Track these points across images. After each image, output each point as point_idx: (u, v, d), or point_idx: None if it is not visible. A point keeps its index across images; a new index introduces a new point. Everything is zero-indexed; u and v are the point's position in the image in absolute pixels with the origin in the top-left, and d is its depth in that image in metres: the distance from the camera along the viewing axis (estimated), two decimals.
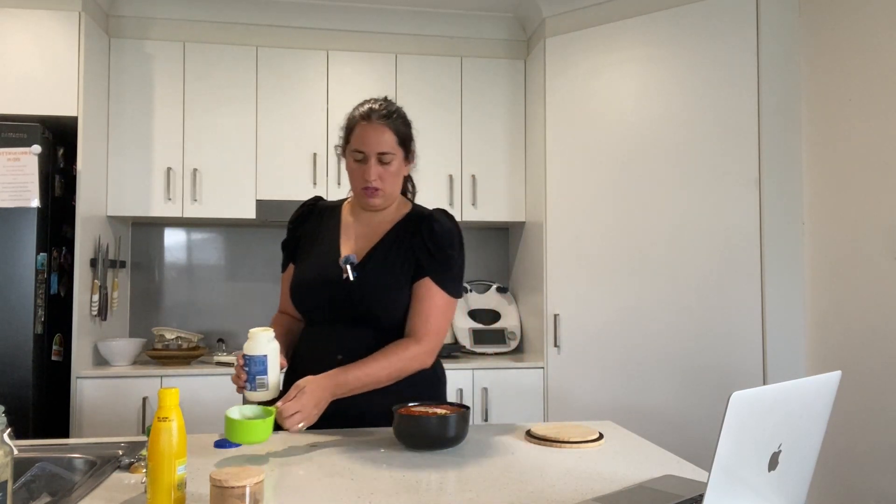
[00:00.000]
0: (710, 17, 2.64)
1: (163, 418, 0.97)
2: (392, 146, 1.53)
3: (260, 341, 1.37)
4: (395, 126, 1.54)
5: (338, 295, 1.52)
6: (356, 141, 1.53)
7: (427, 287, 1.53)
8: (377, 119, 1.52)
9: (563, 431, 1.42)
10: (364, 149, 1.52)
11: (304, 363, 1.56)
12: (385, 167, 1.53)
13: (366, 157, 1.52)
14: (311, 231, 1.65)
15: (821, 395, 0.94)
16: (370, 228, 1.60)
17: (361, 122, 1.53)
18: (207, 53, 3.08)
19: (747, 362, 2.52)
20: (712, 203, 2.61)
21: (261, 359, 1.36)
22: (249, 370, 1.36)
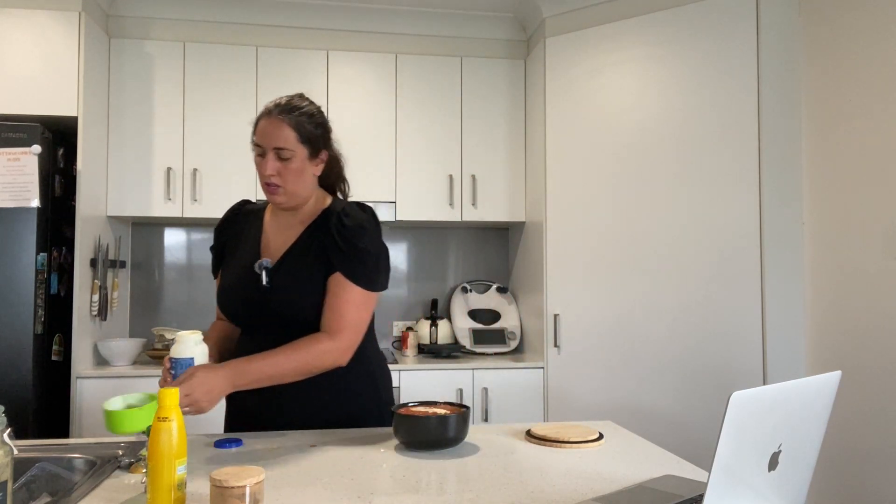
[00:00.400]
0: (710, 16, 2.64)
1: (163, 418, 0.97)
2: (291, 142, 1.47)
3: (187, 344, 1.33)
4: (297, 122, 1.48)
5: (255, 300, 1.50)
6: (257, 135, 1.50)
7: (338, 282, 1.47)
8: (277, 114, 1.48)
9: (563, 431, 1.42)
10: (261, 143, 1.49)
11: None
12: (284, 164, 1.48)
13: (264, 152, 1.49)
14: (235, 236, 1.64)
15: (821, 395, 0.94)
16: (288, 230, 1.57)
17: (263, 116, 1.50)
18: (207, 53, 3.08)
19: (747, 362, 2.52)
20: (712, 203, 2.61)
21: (187, 361, 1.33)
22: (175, 373, 1.32)
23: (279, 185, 1.49)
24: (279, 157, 1.48)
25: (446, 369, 2.92)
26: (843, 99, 2.31)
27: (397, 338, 3.50)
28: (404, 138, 3.22)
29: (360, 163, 3.18)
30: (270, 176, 1.48)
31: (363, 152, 3.18)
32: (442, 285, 3.59)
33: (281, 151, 1.47)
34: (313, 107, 1.55)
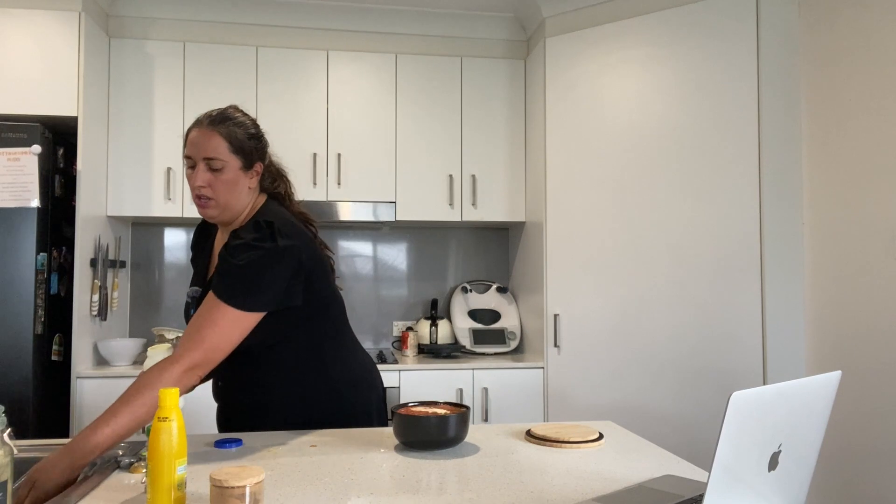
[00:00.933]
0: (710, 16, 2.64)
1: (163, 418, 0.97)
2: (222, 153, 1.42)
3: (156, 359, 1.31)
4: (228, 132, 1.43)
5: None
6: (187, 146, 1.45)
7: (206, 299, 1.36)
8: (207, 124, 1.43)
9: (563, 431, 1.42)
10: (191, 153, 1.43)
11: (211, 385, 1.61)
12: (215, 174, 1.42)
13: (194, 164, 1.43)
14: (198, 253, 1.64)
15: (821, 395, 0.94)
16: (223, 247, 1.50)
17: (194, 128, 1.45)
18: (207, 53, 3.08)
19: (747, 362, 2.52)
20: (712, 203, 2.61)
21: None
22: None
23: (210, 197, 1.43)
24: (210, 167, 1.42)
25: (446, 369, 2.92)
26: (843, 99, 2.31)
27: (397, 338, 3.50)
28: (404, 138, 3.22)
29: (360, 163, 3.18)
30: (200, 188, 1.41)
31: (363, 152, 3.18)
32: (442, 285, 3.59)
33: (211, 162, 1.42)
34: (247, 118, 1.49)
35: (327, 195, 3.13)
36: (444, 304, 3.58)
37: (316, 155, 3.14)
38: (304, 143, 3.14)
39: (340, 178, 3.15)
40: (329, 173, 3.15)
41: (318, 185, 3.13)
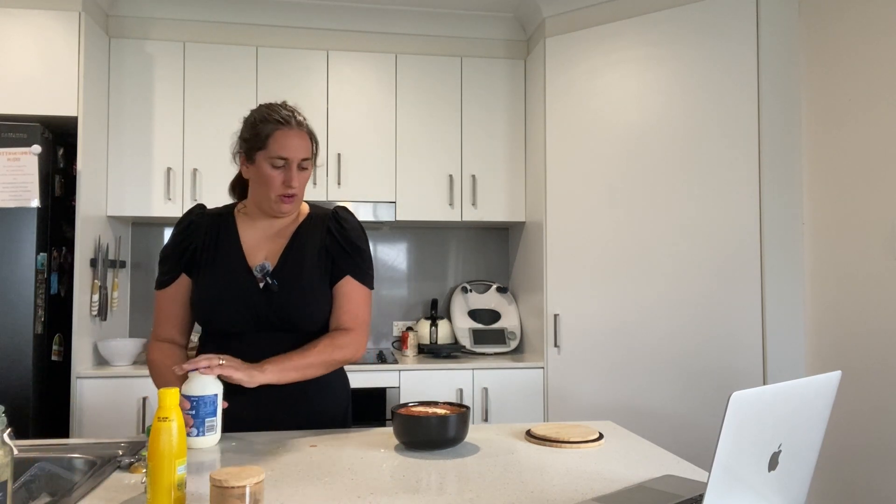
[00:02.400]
0: (710, 16, 2.64)
1: (163, 418, 0.97)
2: (310, 152, 1.51)
3: (206, 380, 1.28)
4: (310, 132, 1.53)
5: (257, 304, 1.48)
6: (277, 147, 1.47)
7: (350, 284, 1.54)
8: (297, 125, 1.49)
9: (563, 431, 1.42)
10: (288, 155, 1.46)
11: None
12: (301, 174, 1.50)
13: (288, 164, 1.47)
14: (206, 242, 1.54)
15: (821, 395, 0.94)
16: (273, 233, 1.56)
17: (282, 127, 1.48)
18: (207, 53, 3.08)
19: (747, 362, 2.52)
20: (712, 203, 2.61)
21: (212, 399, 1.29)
22: (197, 413, 1.27)
23: (297, 194, 1.50)
24: (300, 167, 1.49)
25: (446, 369, 2.92)
26: (842, 99, 2.31)
27: (397, 338, 3.50)
28: (404, 138, 3.22)
29: (360, 163, 3.18)
30: (296, 187, 1.48)
31: (363, 152, 3.18)
32: (442, 285, 3.59)
33: (304, 163, 1.49)
34: None
35: (327, 195, 3.13)
36: (444, 304, 3.58)
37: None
38: None
39: (340, 178, 3.15)
40: (329, 173, 3.15)
41: (318, 184, 3.13)
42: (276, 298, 1.48)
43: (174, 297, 1.55)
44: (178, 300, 1.55)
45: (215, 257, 1.53)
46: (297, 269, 1.51)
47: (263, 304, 1.48)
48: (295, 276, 1.50)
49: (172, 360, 1.50)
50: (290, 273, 1.50)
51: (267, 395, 1.48)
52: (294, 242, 1.54)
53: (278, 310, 1.48)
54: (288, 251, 1.53)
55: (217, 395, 1.30)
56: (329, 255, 1.54)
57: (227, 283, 1.50)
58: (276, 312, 1.48)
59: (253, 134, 1.51)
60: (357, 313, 1.53)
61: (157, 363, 1.50)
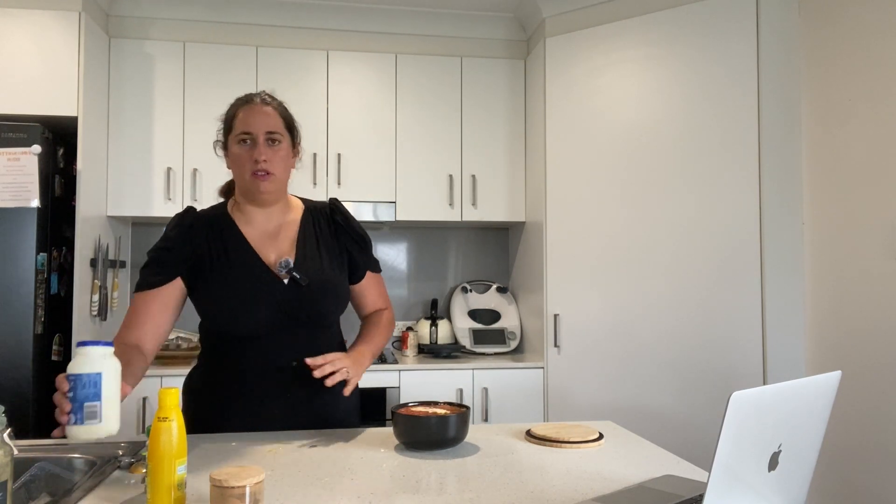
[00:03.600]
0: (710, 17, 2.64)
1: (163, 418, 0.97)
2: (279, 127, 1.48)
3: (92, 356, 1.05)
4: (282, 109, 1.52)
5: (285, 301, 1.45)
6: (241, 124, 1.46)
7: (370, 277, 1.66)
8: (261, 101, 1.49)
9: (563, 431, 1.42)
10: (250, 129, 1.45)
11: (255, 380, 1.46)
12: (274, 149, 1.46)
13: (254, 138, 1.45)
14: (209, 244, 1.48)
15: (821, 395, 0.94)
16: (273, 228, 1.53)
17: (245, 105, 1.48)
18: (207, 53, 3.08)
19: (747, 362, 2.52)
20: (712, 203, 2.61)
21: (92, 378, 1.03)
22: (75, 394, 1.02)
23: (270, 171, 1.45)
24: (270, 141, 1.47)
25: (446, 369, 2.92)
26: (842, 99, 2.31)
27: (397, 338, 3.50)
28: (404, 138, 3.22)
29: (360, 163, 3.18)
30: (264, 161, 1.44)
31: (363, 152, 3.18)
32: (442, 285, 3.59)
33: (272, 135, 1.46)
34: None
35: (327, 195, 3.13)
36: (444, 304, 3.58)
37: (316, 155, 3.14)
38: (304, 143, 3.13)
39: (340, 178, 3.15)
40: (329, 173, 3.15)
41: (318, 184, 3.13)
42: (304, 293, 1.46)
43: (161, 301, 1.44)
44: (166, 304, 1.45)
45: (225, 259, 1.47)
46: (316, 262, 1.51)
47: (292, 300, 1.45)
48: (316, 269, 1.50)
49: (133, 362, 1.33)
50: (312, 266, 1.50)
51: (301, 400, 1.49)
52: (303, 236, 1.54)
53: (308, 304, 1.46)
54: (301, 245, 1.52)
55: (101, 374, 1.04)
56: (342, 246, 1.58)
57: (249, 284, 1.44)
58: (305, 307, 1.46)
59: (224, 121, 1.53)
60: (384, 296, 1.69)
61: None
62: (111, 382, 1.05)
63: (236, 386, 1.47)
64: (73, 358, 1.05)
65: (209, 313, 1.46)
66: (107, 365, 1.05)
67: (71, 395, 1.02)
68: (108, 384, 1.05)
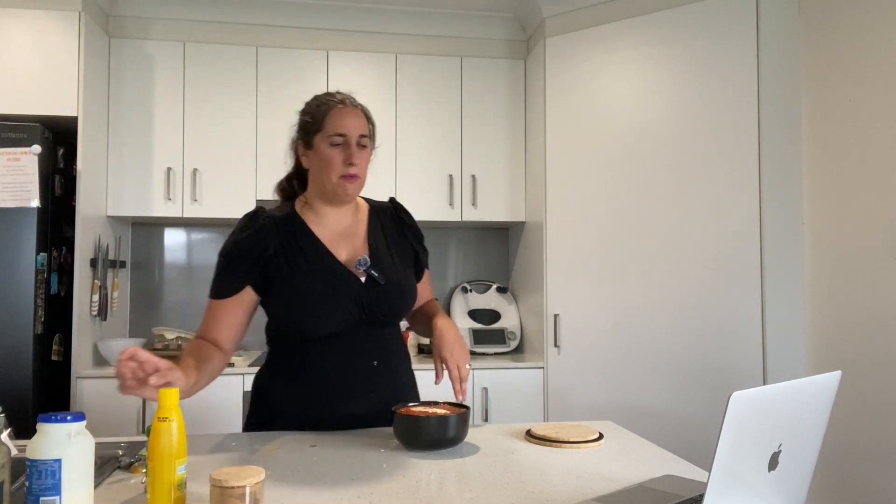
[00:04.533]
0: (710, 17, 2.64)
1: (163, 418, 0.97)
2: (368, 131, 1.51)
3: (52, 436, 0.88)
4: (367, 114, 1.53)
5: (363, 299, 1.46)
6: (333, 125, 1.45)
7: (426, 275, 1.70)
8: (352, 104, 1.49)
9: (562, 431, 1.42)
10: (345, 131, 1.45)
11: (334, 379, 1.47)
12: (362, 152, 1.48)
13: (347, 141, 1.45)
14: (282, 245, 1.47)
15: (821, 395, 0.94)
16: (343, 228, 1.54)
17: (338, 105, 1.47)
18: (207, 53, 3.08)
19: (747, 362, 2.52)
20: (712, 203, 2.61)
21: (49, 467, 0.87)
22: (29, 485, 0.87)
23: (358, 175, 1.46)
24: (359, 145, 1.47)
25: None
26: (842, 99, 2.31)
27: None
28: (404, 138, 3.22)
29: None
30: (357, 165, 1.45)
31: None
32: (442, 285, 3.59)
33: (363, 139, 1.48)
34: None
35: None
36: (444, 304, 3.58)
37: None
38: None
39: None
40: None
41: None
42: (381, 290, 1.48)
43: (234, 309, 1.46)
44: (241, 310, 1.47)
45: (303, 261, 1.46)
46: (389, 260, 1.54)
47: (370, 298, 1.46)
48: (391, 267, 1.52)
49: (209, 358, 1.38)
50: (386, 265, 1.52)
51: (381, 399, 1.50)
52: (373, 235, 1.56)
53: (385, 302, 1.48)
54: (373, 244, 1.54)
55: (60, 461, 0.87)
56: (409, 243, 1.61)
57: (328, 283, 1.44)
58: (383, 305, 1.48)
59: (311, 118, 1.49)
60: (431, 289, 1.75)
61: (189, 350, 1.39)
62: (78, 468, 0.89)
63: (313, 386, 1.47)
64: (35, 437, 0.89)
65: (286, 314, 1.44)
66: (71, 448, 0.88)
67: (26, 486, 0.88)
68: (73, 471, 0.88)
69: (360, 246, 1.53)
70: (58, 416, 0.89)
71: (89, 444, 0.92)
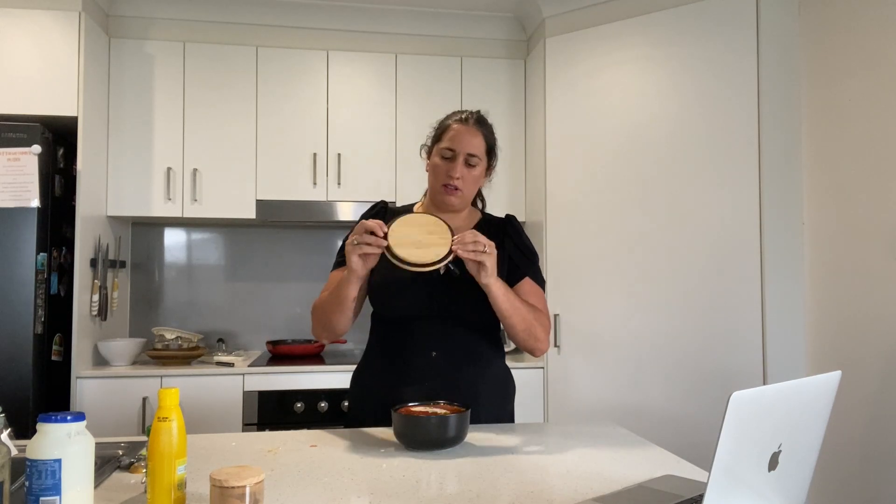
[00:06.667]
0: (710, 17, 2.64)
1: (163, 418, 0.97)
2: (481, 151, 1.60)
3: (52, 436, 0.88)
4: (486, 133, 1.62)
5: (436, 289, 1.55)
6: (448, 140, 1.59)
7: (529, 284, 1.65)
8: (473, 123, 1.60)
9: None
10: (455, 147, 1.58)
11: (398, 358, 1.59)
12: (469, 170, 1.59)
13: (455, 156, 1.58)
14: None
15: (821, 395, 0.94)
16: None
17: (457, 124, 1.60)
18: (207, 53, 3.08)
19: (747, 362, 2.52)
20: (712, 203, 2.61)
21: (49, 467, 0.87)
22: (29, 485, 0.88)
23: (460, 188, 1.59)
24: (467, 162, 1.58)
25: None
26: (843, 99, 2.31)
27: None
28: (404, 138, 3.22)
29: (360, 163, 3.18)
30: (458, 179, 1.57)
31: (363, 152, 3.18)
32: None
33: (471, 158, 1.58)
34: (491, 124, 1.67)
35: (327, 195, 3.13)
36: None
37: (316, 155, 3.14)
38: (304, 143, 3.14)
39: (340, 178, 3.15)
40: (329, 173, 3.15)
41: (318, 185, 3.13)
42: (455, 285, 1.54)
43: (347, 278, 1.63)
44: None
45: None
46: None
47: (443, 290, 1.55)
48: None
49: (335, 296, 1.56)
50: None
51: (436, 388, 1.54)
52: None
53: (456, 295, 1.55)
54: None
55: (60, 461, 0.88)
56: (506, 254, 1.62)
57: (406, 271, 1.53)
58: (454, 298, 1.55)
59: (436, 130, 1.66)
60: (543, 304, 1.65)
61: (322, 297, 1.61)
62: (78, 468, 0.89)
63: (381, 366, 1.61)
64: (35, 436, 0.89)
65: (373, 294, 1.60)
66: (71, 448, 0.89)
67: (26, 486, 0.88)
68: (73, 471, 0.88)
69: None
70: (58, 416, 0.89)
71: (89, 444, 0.92)
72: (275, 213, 3.07)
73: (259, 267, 3.44)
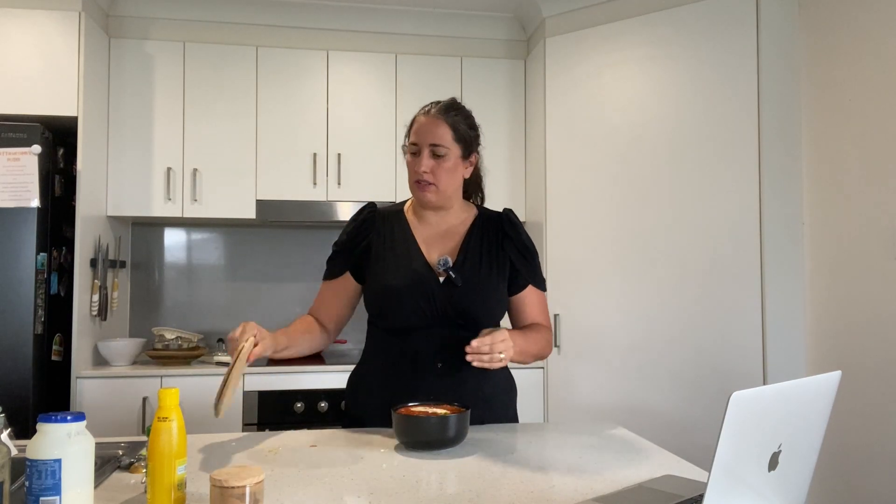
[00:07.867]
0: (710, 17, 2.64)
1: (163, 418, 0.97)
2: (446, 140, 1.52)
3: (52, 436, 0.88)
4: (453, 121, 1.54)
5: (437, 298, 1.50)
6: (413, 134, 1.54)
7: (534, 294, 1.62)
8: (435, 113, 1.54)
9: None
10: (418, 140, 1.52)
11: (401, 371, 1.53)
12: (438, 161, 1.51)
13: (418, 149, 1.52)
14: (381, 237, 1.58)
15: (821, 395, 0.94)
16: (444, 230, 1.60)
17: (420, 116, 1.55)
18: (207, 53, 3.08)
19: (747, 362, 2.52)
20: (712, 202, 2.61)
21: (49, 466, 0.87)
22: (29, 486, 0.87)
23: (431, 182, 1.51)
24: (434, 154, 1.51)
25: None
26: (843, 99, 2.31)
27: None
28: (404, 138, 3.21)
29: (360, 163, 3.18)
30: (423, 173, 1.50)
31: (363, 152, 3.18)
32: None
33: (436, 148, 1.51)
34: (467, 110, 1.60)
35: (327, 195, 3.13)
36: None
37: (316, 155, 3.14)
38: (304, 143, 3.14)
39: (340, 178, 3.15)
40: (329, 173, 3.15)
41: (318, 185, 3.13)
42: (457, 292, 1.50)
43: (336, 292, 1.62)
44: (339, 295, 1.62)
45: (391, 252, 1.56)
46: (476, 265, 1.55)
47: (444, 298, 1.50)
48: (475, 271, 1.53)
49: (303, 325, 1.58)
50: (471, 268, 1.53)
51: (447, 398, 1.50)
52: (470, 239, 1.58)
53: (458, 304, 1.50)
54: (465, 247, 1.57)
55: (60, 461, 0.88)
56: (506, 255, 1.58)
57: (406, 277, 1.51)
58: (456, 306, 1.50)
59: (407, 128, 1.60)
60: (545, 314, 1.64)
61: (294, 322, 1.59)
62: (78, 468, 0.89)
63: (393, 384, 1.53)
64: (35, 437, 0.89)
65: (370, 303, 1.57)
66: (71, 448, 0.89)
67: (26, 486, 0.88)
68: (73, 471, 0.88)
69: (454, 248, 1.57)
70: (58, 416, 0.89)
71: (89, 444, 0.92)
72: (275, 213, 3.07)
73: (259, 267, 3.44)
